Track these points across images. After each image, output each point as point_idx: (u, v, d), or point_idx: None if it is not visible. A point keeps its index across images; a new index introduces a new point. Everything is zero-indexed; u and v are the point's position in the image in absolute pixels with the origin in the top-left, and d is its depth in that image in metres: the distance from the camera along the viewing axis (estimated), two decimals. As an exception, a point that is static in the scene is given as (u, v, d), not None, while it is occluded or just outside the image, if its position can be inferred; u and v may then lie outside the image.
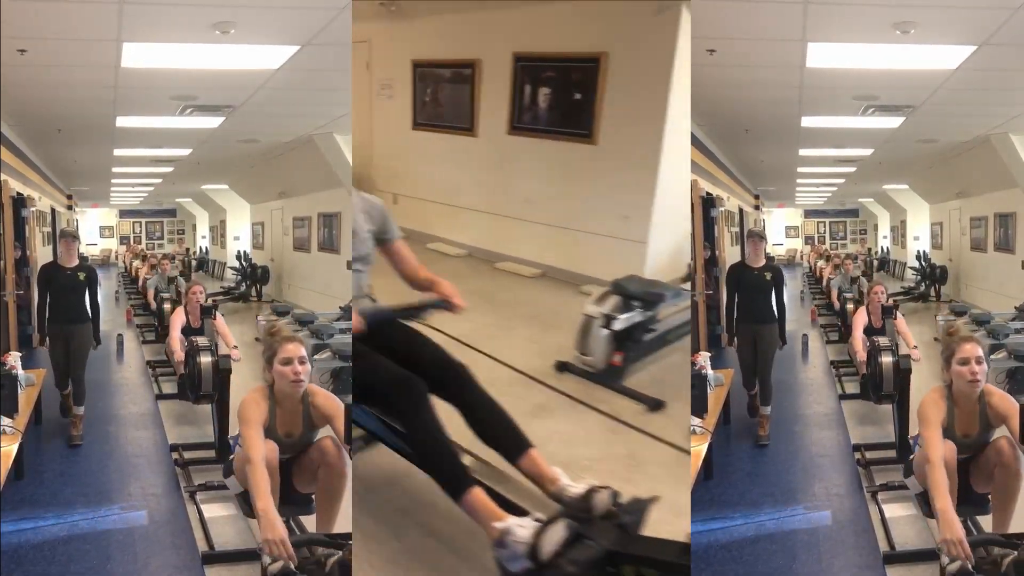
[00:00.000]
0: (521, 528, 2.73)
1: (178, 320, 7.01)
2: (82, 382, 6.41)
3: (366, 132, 10.63)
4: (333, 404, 3.65)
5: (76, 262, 6.49)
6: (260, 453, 3.28)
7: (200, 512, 4.57)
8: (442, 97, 9.31)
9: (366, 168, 10.52)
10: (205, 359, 5.81)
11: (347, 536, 3.30)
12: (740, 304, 6.43)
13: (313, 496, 3.69)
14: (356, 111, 10.15)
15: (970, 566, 3.01)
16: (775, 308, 6.33)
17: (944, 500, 3.13)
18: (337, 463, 3.54)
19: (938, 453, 3.34)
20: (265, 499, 3.11)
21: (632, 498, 2.93)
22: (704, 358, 5.29)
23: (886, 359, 5.87)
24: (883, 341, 6.09)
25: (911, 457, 3.95)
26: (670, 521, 3.20)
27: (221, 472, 3.88)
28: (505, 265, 8.55)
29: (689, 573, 2.60)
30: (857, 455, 5.75)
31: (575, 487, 2.98)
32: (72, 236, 6.57)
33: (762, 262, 6.45)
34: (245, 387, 4.76)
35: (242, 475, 3.49)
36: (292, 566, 2.99)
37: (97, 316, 6.49)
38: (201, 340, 6.33)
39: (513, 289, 7.81)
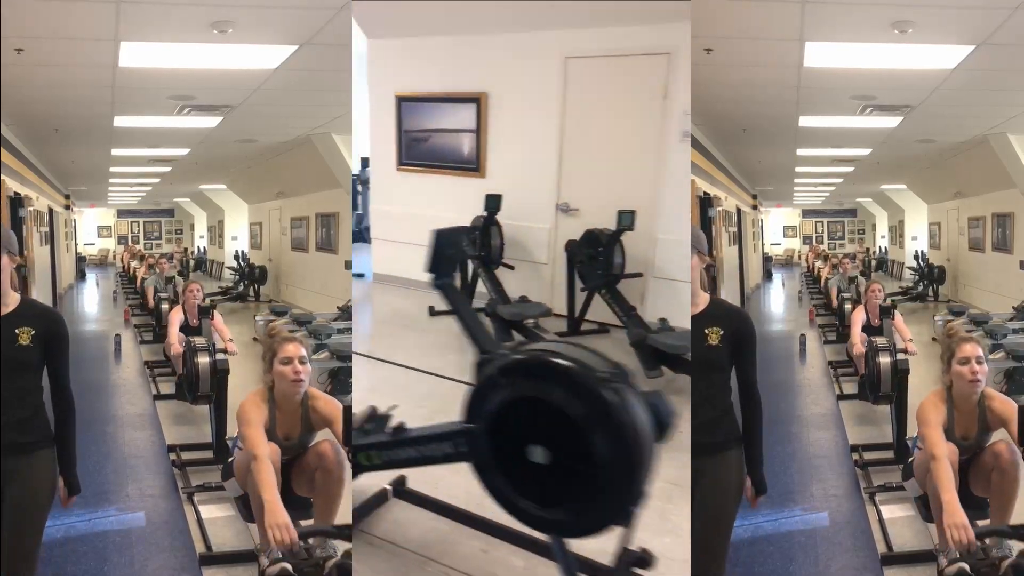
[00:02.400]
0: None
1: (176, 318, 7.20)
2: (31, 558, 2.91)
3: (642, 199, 6.71)
4: (333, 407, 3.59)
5: (16, 303, 2.93)
6: (265, 450, 3.25)
7: (198, 513, 4.56)
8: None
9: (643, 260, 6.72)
10: (203, 359, 5.82)
11: (349, 527, 3.29)
12: None
13: (311, 500, 3.67)
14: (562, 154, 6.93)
15: (970, 552, 3.02)
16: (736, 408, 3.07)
17: (950, 492, 3.16)
18: (335, 468, 3.49)
19: (942, 450, 3.35)
20: (271, 491, 3.08)
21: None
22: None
23: (884, 359, 5.82)
24: (881, 341, 6.05)
25: (910, 460, 3.92)
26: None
27: (219, 473, 3.86)
28: None
29: None
30: (855, 456, 5.75)
31: None
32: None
33: (704, 303, 3.06)
34: (243, 387, 4.76)
35: (243, 478, 3.47)
36: (290, 568, 2.94)
37: (70, 428, 2.96)
38: (199, 340, 6.35)
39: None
